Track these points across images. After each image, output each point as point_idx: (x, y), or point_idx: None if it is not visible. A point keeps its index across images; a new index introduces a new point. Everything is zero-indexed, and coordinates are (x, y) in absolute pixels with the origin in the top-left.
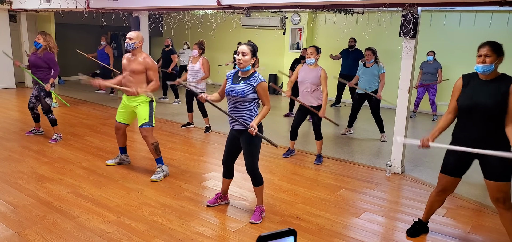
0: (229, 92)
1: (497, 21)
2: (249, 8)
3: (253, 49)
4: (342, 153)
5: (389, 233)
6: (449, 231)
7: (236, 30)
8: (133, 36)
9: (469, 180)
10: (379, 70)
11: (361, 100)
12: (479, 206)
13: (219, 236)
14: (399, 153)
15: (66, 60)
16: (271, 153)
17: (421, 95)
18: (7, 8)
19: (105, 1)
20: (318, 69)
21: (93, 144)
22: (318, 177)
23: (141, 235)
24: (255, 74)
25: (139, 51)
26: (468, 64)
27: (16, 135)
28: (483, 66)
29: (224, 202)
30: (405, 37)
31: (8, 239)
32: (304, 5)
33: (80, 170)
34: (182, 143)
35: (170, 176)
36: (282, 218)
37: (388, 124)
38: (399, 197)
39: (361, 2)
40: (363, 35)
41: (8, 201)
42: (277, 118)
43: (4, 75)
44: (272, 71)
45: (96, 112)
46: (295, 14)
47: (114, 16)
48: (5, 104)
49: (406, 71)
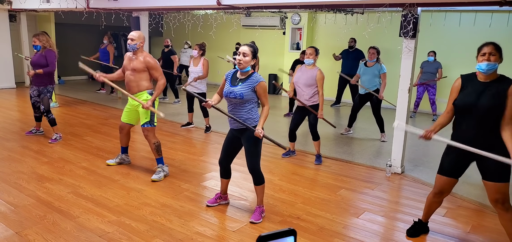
0: (227, 94)
1: (497, 21)
2: (249, 8)
3: (254, 51)
4: (342, 153)
5: (389, 233)
6: (449, 231)
7: (236, 30)
8: (135, 37)
9: (469, 180)
10: (380, 70)
11: (362, 100)
12: (479, 206)
13: (219, 236)
14: (399, 153)
15: (66, 60)
16: (271, 153)
17: (421, 95)
18: (7, 8)
19: (105, 1)
20: (315, 70)
21: (93, 144)
22: (318, 177)
23: (141, 235)
24: (254, 75)
25: (140, 51)
26: (468, 64)
27: (16, 135)
28: (488, 64)
29: (224, 202)
30: (405, 37)
31: (8, 239)
32: (304, 5)
33: (80, 170)
34: (182, 143)
35: (170, 176)
36: (282, 218)
37: (388, 124)
38: (399, 197)
39: (361, 2)
40: (363, 35)
41: (8, 201)
42: (277, 118)
43: (4, 75)
44: (272, 71)
45: (96, 112)
46: (295, 14)
47: (114, 16)
48: (5, 104)
49: (406, 71)
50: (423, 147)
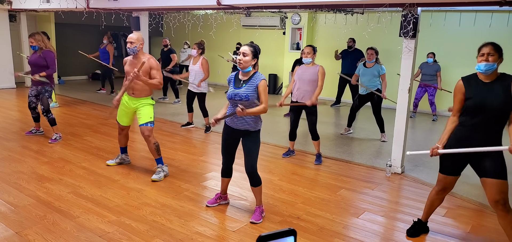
0: (232, 96)
1: (497, 21)
2: (249, 8)
3: (254, 51)
4: (342, 153)
5: (389, 233)
6: (449, 231)
7: (236, 30)
8: (134, 39)
9: (469, 180)
10: (379, 71)
11: (362, 101)
12: (479, 206)
13: (219, 236)
14: (399, 153)
15: (66, 60)
16: (271, 153)
17: (419, 96)
18: (7, 8)
19: (105, 1)
20: (316, 67)
21: (93, 144)
22: (318, 177)
23: (141, 235)
24: (256, 74)
25: (141, 53)
26: (468, 64)
27: (16, 135)
28: (486, 64)
29: (224, 202)
30: (405, 37)
31: (8, 239)
32: (304, 5)
33: (80, 170)
34: (182, 143)
35: (170, 176)
36: (282, 218)
37: (388, 124)
38: (399, 197)
39: (361, 2)
40: (363, 35)
41: (8, 201)
42: (277, 118)
43: (4, 75)
44: (272, 71)
45: (96, 112)
46: (295, 14)
47: (114, 16)
48: (5, 104)
49: (406, 71)
50: (423, 147)
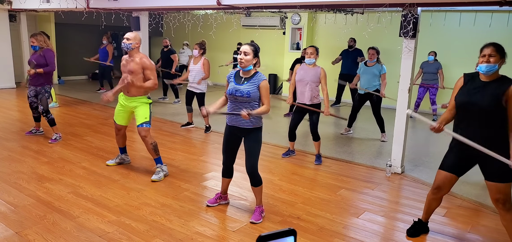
0: (233, 92)
1: (497, 21)
2: (249, 8)
3: (255, 50)
4: (342, 153)
5: (389, 233)
6: (449, 231)
7: (236, 30)
8: (131, 37)
9: (469, 180)
10: (380, 70)
11: (362, 100)
12: (479, 206)
13: (219, 236)
14: (399, 153)
15: (66, 60)
16: (271, 153)
17: (421, 96)
18: (7, 8)
19: (105, 1)
20: (318, 68)
21: (93, 144)
22: (318, 177)
23: (141, 235)
24: (258, 74)
25: (136, 52)
26: (468, 64)
27: (16, 135)
28: (487, 65)
29: (224, 202)
30: (405, 37)
31: (8, 239)
32: (304, 5)
33: (80, 170)
34: (182, 143)
35: (170, 176)
36: (282, 218)
37: (388, 123)
38: (399, 197)
39: (361, 2)
40: (363, 35)
41: (8, 201)
42: (277, 118)
43: (4, 75)
44: (272, 71)
45: (96, 112)
46: (295, 14)
47: (114, 16)
48: (5, 104)
49: (406, 71)
50: (423, 147)
